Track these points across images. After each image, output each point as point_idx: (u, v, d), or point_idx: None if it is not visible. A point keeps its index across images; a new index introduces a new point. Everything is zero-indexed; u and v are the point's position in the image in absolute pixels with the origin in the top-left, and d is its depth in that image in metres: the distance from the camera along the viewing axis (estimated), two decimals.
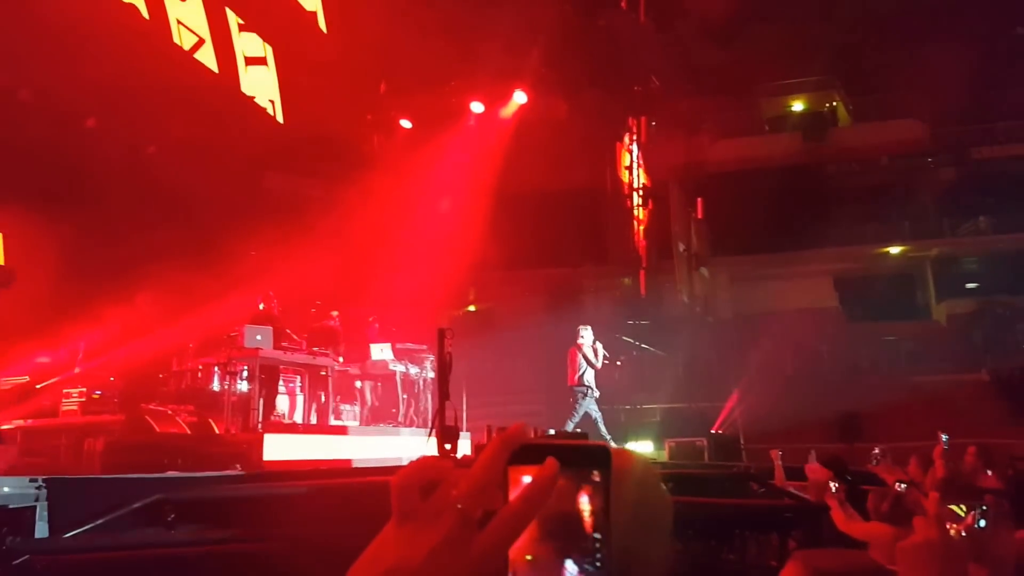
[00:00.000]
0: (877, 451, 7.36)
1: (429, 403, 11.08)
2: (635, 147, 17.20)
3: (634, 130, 17.13)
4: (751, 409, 13.81)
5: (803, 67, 25.13)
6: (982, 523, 1.57)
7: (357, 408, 11.24)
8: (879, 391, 15.31)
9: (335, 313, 10.94)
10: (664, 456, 11.87)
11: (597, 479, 0.60)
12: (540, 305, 19.39)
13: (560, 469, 0.59)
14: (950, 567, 1.20)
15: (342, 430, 9.80)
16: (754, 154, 23.65)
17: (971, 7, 23.20)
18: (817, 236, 22.62)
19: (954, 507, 1.60)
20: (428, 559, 0.59)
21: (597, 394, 11.10)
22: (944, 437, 6.01)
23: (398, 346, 11.36)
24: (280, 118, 14.16)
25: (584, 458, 0.61)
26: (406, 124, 16.40)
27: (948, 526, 1.27)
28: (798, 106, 26.23)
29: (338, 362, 10.35)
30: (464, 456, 8.34)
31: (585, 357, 11.03)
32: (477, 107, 15.91)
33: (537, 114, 15.80)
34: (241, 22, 13.56)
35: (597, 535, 0.59)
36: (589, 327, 11.39)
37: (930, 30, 22.39)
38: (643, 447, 12.72)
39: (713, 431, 12.56)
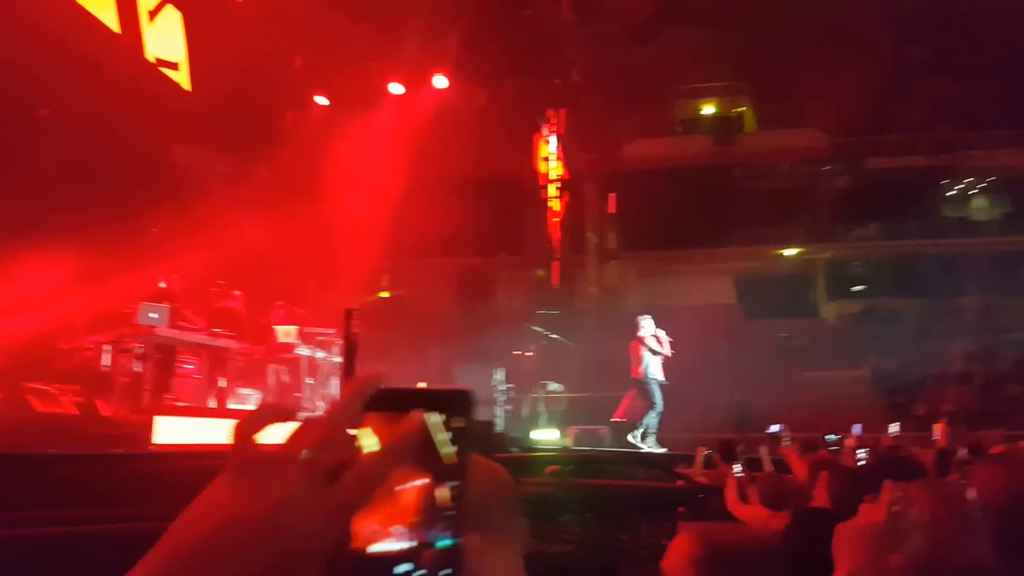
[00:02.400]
0: (778, 428, 7.68)
1: (336, 389, 10.91)
2: (553, 139, 17.38)
3: (553, 122, 17.30)
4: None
5: (715, 72, 26.01)
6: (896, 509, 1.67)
7: (259, 393, 10.95)
8: (771, 385, 16.13)
9: (237, 293, 10.60)
10: (568, 443, 12.14)
11: (460, 425, 0.57)
12: (453, 293, 19.40)
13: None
14: (881, 551, 1.28)
15: (241, 414, 9.50)
16: (666, 154, 24.36)
17: (872, 25, 24.53)
18: (721, 236, 23.59)
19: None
20: (270, 513, 0.52)
21: (663, 381, 11.01)
22: (856, 428, 6.29)
23: (305, 329, 11.13)
24: (187, 86, 13.56)
25: (445, 403, 0.57)
26: (322, 101, 16.01)
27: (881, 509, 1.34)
28: (709, 110, 27.12)
29: (240, 344, 10.05)
30: None
31: (649, 348, 10.95)
32: (396, 89, 15.68)
33: (457, 100, 15.72)
34: None
35: (455, 482, 0.56)
36: (648, 316, 11.28)
37: (833, 45, 23.54)
38: (549, 434, 12.96)
39: (614, 419, 12.91)
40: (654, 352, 10.94)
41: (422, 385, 0.63)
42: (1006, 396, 19.46)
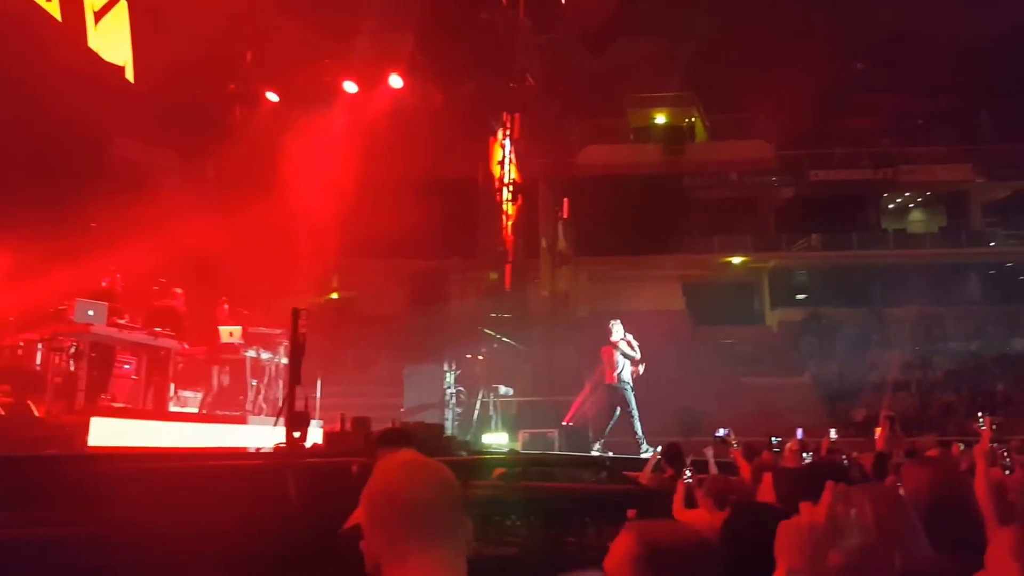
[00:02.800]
0: (725, 432, 7.83)
1: (281, 391, 10.69)
2: (508, 143, 17.40)
3: (508, 126, 17.31)
4: (602, 404, 14.35)
5: (667, 83, 26.45)
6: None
7: (201, 394, 10.66)
8: (716, 389, 16.41)
9: (178, 291, 10.30)
10: (518, 447, 12.13)
11: None
12: (404, 296, 19.23)
13: None
14: (821, 550, 1.30)
15: (181, 416, 9.26)
16: (619, 161, 24.68)
17: (819, 42, 25.22)
18: (670, 243, 24.00)
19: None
20: None
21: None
22: (798, 432, 6.42)
23: (250, 330, 10.88)
24: (131, 79, 13.17)
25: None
26: (272, 97, 15.71)
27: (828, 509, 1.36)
28: (661, 119, 27.53)
29: (181, 344, 9.77)
30: (314, 445, 8.12)
31: (623, 352, 10.95)
32: (350, 87, 15.47)
33: (412, 101, 15.59)
34: None
35: None
36: (618, 321, 11.31)
37: (781, 59, 24.13)
38: (499, 438, 12.94)
39: (564, 423, 12.96)
40: (627, 356, 11.04)
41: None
42: (940, 403, 20.17)
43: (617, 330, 11.19)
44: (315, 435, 8.64)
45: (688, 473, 4.39)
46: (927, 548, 2.13)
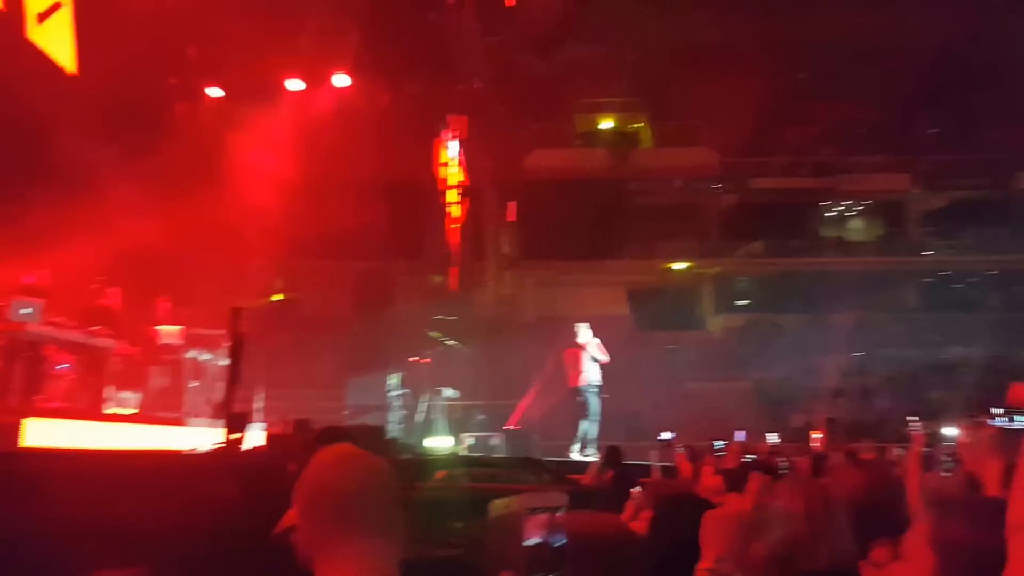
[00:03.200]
0: (669, 436, 8.06)
1: (221, 392, 10.48)
2: (454, 145, 17.38)
3: (454, 128, 17.29)
4: (546, 408, 14.47)
5: (614, 88, 26.76)
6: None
7: (139, 395, 10.39)
8: (660, 394, 16.69)
9: (114, 290, 10.03)
10: (462, 450, 12.13)
11: None
12: (349, 297, 19.02)
13: None
14: (745, 540, 1.35)
15: (118, 418, 9.01)
16: (565, 165, 24.86)
17: (763, 51, 25.89)
18: (615, 248, 24.25)
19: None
20: None
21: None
22: (740, 435, 6.60)
23: (191, 330, 10.67)
24: (72, 70, 12.75)
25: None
26: (215, 93, 15.38)
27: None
28: (607, 124, 27.83)
29: (119, 344, 9.52)
30: (256, 447, 7.99)
31: (592, 356, 10.96)
32: (295, 85, 15.27)
33: (359, 100, 15.46)
34: None
35: None
36: (586, 324, 11.26)
37: (725, 68, 24.69)
38: (443, 441, 12.91)
39: (508, 427, 13.02)
40: (597, 359, 11.10)
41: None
42: (877, 408, 20.83)
43: (584, 333, 11.26)
44: (258, 438, 8.52)
45: (636, 489, 4.46)
46: (852, 543, 2.23)
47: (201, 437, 8.83)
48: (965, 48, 26.93)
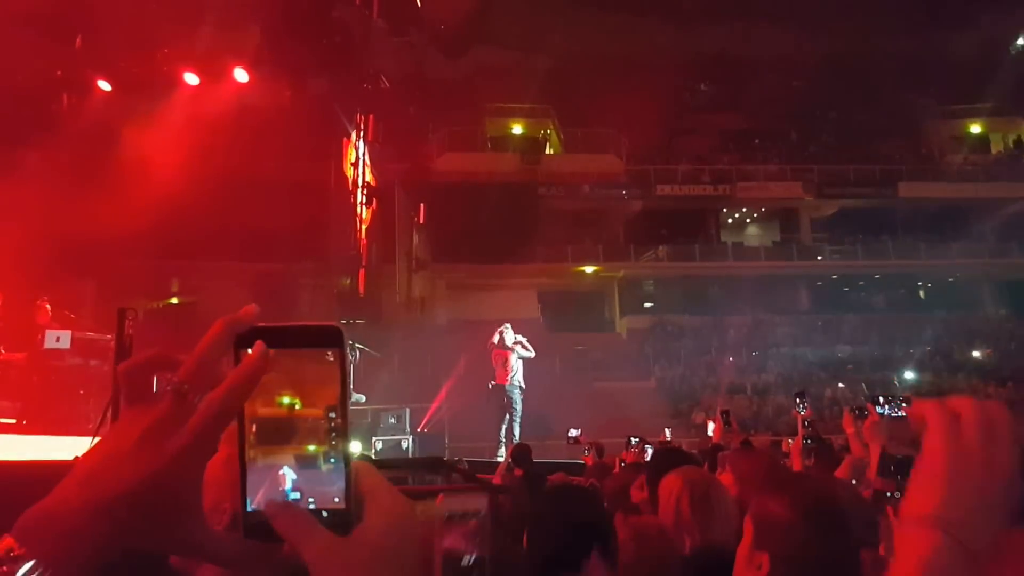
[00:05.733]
0: (576, 433, 8.27)
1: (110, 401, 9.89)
2: (362, 144, 17.06)
3: (362, 127, 16.97)
4: (456, 410, 14.38)
5: (524, 94, 27.05)
6: None
7: (18, 404, 9.67)
8: (569, 394, 16.89)
9: None
10: (371, 454, 11.88)
11: (331, 359, 0.59)
12: (249, 300, 18.33)
13: (295, 350, 0.59)
14: None
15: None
16: (476, 169, 24.90)
17: (666, 62, 26.73)
18: (526, 252, 24.43)
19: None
20: (138, 442, 0.56)
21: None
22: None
23: (76, 335, 10.01)
24: None
25: (317, 338, 0.60)
26: (104, 86, 14.54)
27: None
28: (518, 129, 28.06)
29: None
30: None
31: (520, 355, 10.96)
32: (191, 79, 14.59)
33: (259, 96, 14.93)
34: None
35: (333, 414, 0.60)
36: (508, 325, 11.33)
37: (631, 78, 25.36)
38: (352, 446, 12.60)
39: (419, 430, 12.87)
40: (523, 357, 11.14)
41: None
42: (772, 403, 21.75)
43: (509, 335, 11.32)
44: None
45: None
46: (736, 529, 2.28)
47: (87, 447, 8.29)
48: (854, 64, 28.65)
